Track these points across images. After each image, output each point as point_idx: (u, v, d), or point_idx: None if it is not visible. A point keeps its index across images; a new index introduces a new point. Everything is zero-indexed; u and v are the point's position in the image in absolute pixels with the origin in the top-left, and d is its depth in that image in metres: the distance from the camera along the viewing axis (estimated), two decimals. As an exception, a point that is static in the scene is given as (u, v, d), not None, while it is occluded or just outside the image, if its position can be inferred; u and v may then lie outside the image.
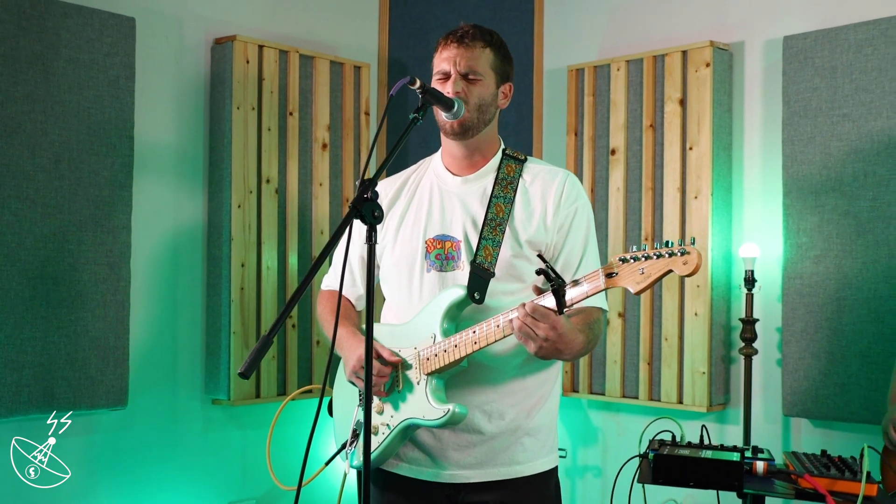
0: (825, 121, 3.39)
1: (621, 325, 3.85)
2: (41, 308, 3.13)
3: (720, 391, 3.65)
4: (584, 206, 2.38)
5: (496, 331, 2.16)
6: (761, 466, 2.21)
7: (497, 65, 2.36)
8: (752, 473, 2.22)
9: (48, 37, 3.14)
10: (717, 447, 2.34)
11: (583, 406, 4.07)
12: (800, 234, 3.43)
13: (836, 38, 3.38)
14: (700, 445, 2.35)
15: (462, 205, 2.37)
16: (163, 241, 3.55)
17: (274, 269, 3.72)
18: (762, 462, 2.22)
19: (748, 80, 3.68)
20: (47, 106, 3.14)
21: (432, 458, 2.33)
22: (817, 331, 3.38)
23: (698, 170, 3.65)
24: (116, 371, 3.29)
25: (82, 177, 3.21)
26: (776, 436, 3.56)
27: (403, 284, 2.40)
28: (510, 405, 2.31)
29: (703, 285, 3.61)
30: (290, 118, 3.78)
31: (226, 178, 3.59)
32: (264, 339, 1.81)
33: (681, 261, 1.94)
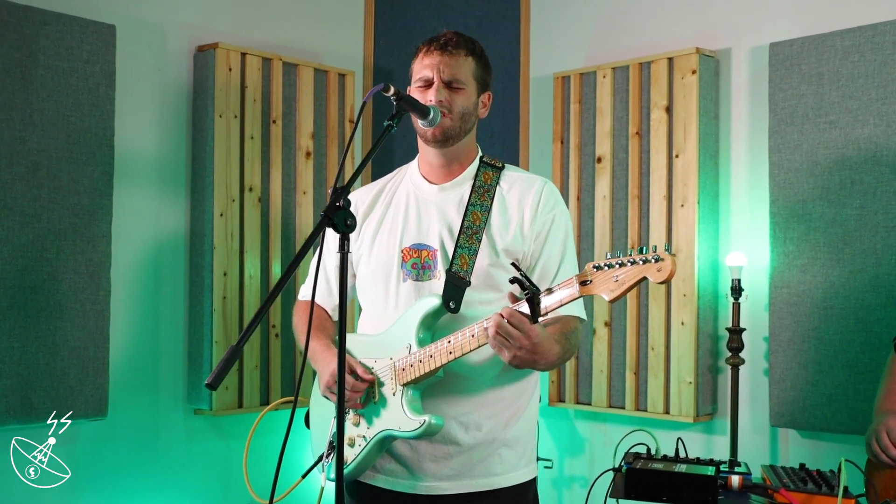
0: (812, 128, 3.36)
1: (608, 334, 3.82)
2: (19, 317, 3.10)
3: (707, 401, 3.61)
4: (562, 214, 2.35)
5: (471, 340, 2.13)
6: (736, 481, 2.17)
7: (479, 74, 2.35)
8: (728, 488, 2.18)
9: (27, 44, 3.11)
10: (693, 461, 2.30)
11: (569, 416, 4.04)
12: (787, 242, 3.40)
13: (823, 44, 3.35)
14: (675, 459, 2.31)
15: (439, 213, 2.34)
16: (144, 250, 3.52)
17: (257, 279, 3.68)
18: (737, 476, 2.18)
19: (735, 88, 3.65)
20: (25, 114, 3.11)
21: (409, 469, 2.29)
22: (804, 340, 3.35)
23: (685, 178, 3.62)
24: (96, 381, 3.26)
25: (61, 185, 3.18)
26: (763, 447, 3.52)
27: (379, 294, 2.37)
28: (487, 416, 2.28)
29: (689, 294, 3.58)
30: (274, 126, 3.75)
31: (208, 187, 3.55)
32: (232, 350, 1.77)
33: (655, 268, 1.90)
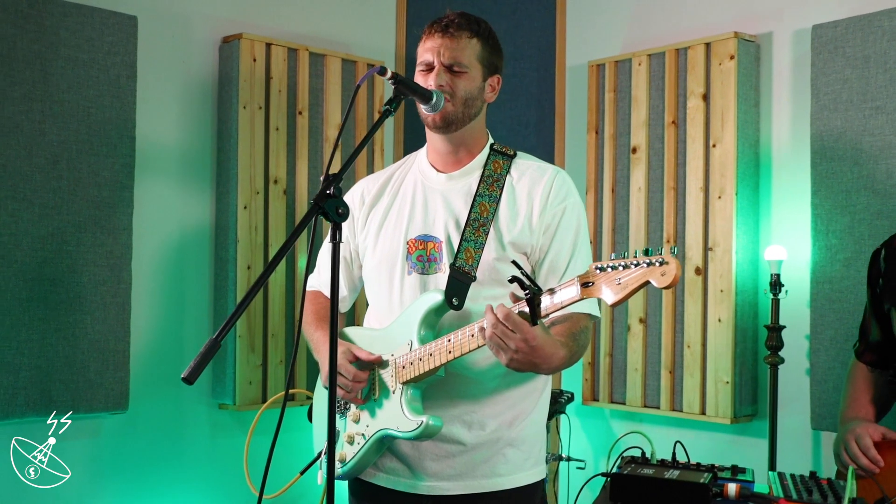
0: (856, 114, 3.18)
1: (642, 331, 3.68)
2: (38, 310, 3.09)
3: (745, 402, 3.45)
4: (574, 206, 2.23)
5: (471, 340, 2.03)
6: (733, 489, 2.01)
7: (484, 56, 2.24)
8: (724, 496, 2.02)
9: (47, 36, 3.10)
10: (692, 466, 2.15)
11: (605, 415, 3.91)
12: (829, 235, 3.22)
13: (869, 25, 3.16)
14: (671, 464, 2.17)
15: (445, 203, 2.25)
16: (168, 243, 3.49)
17: (281, 272, 3.63)
18: (735, 484, 2.03)
19: (776, 73, 3.47)
20: (45, 106, 3.10)
21: (410, 468, 2.21)
22: (847, 339, 3.16)
23: (722, 168, 3.46)
24: (116, 374, 3.24)
25: (81, 177, 3.17)
26: (805, 451, 3.35)
27: (384, 287, 2.29)
28: (491, 415, 2.18)
29: (727, 290, 3.42)
30: (300, 117, 3.69)
31: (232, 179, 3.51)
32: (211, 342, 1.70)
33: (658, 271, 1.78)
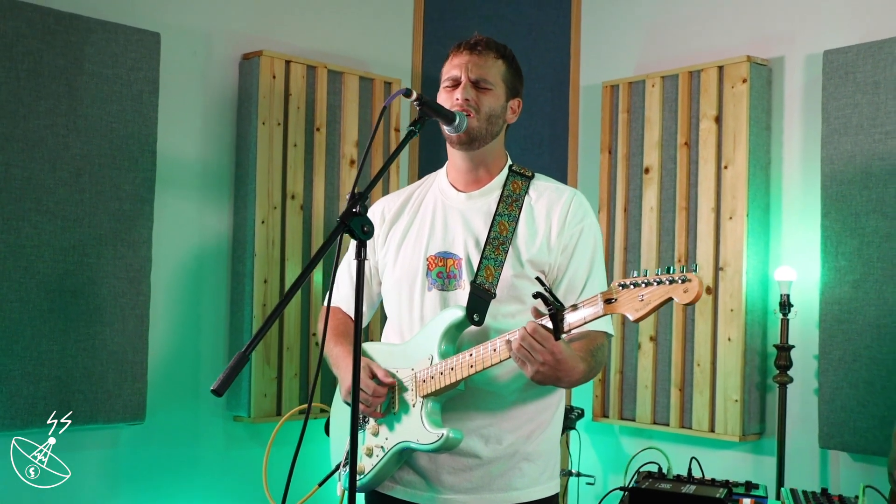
0: (866, 139, 3.23)
1: (653, 349, 3.72)
2: (59, 321, 3.14)
3: (754, 420, 3.49)
4: (591, 227, 2.28)
5: (493, 354, 2.08)
6: None
7: (508, 78, 2.30)
8: None
9: (72, 52, 3.16)
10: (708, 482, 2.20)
11: (614, 432, 3.94)
12: (839, 257, 3.27)
13: (880, 51, 3.22)
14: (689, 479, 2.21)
15: (464, 222, 2.29)
16: (186, 256, 3.54)
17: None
18: (749, 500, 2.07)
19: (787, 97, 3.53)
20: (70, 120, 3.16)
21: (427, 481, 2.25)
22: (856, 359, 3.21)
23: (734, 189, 3.51)
24: (134, 386, 3.28)
25: (103, 190, 3.22)
26: (813, 469, 3.38)
27: (404, 303, 2.33)
28: (509, 430, 2.23)
29: (737, 309, 3.46)
30: (317, 134, 3.75)
31: (250, 194, 3.57)
32: (239, 356, 1.74)
33: (681, 288, 1.84)
